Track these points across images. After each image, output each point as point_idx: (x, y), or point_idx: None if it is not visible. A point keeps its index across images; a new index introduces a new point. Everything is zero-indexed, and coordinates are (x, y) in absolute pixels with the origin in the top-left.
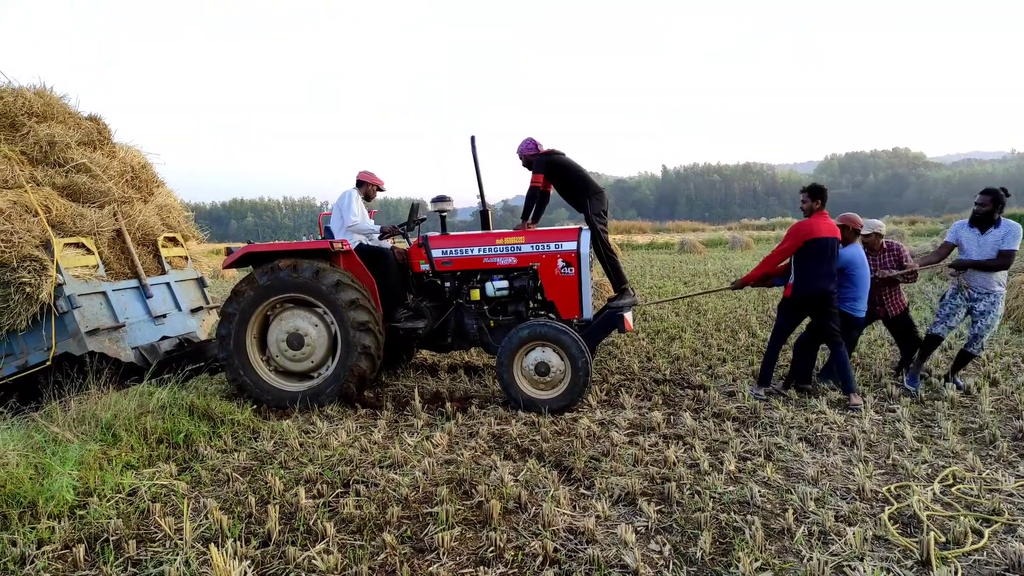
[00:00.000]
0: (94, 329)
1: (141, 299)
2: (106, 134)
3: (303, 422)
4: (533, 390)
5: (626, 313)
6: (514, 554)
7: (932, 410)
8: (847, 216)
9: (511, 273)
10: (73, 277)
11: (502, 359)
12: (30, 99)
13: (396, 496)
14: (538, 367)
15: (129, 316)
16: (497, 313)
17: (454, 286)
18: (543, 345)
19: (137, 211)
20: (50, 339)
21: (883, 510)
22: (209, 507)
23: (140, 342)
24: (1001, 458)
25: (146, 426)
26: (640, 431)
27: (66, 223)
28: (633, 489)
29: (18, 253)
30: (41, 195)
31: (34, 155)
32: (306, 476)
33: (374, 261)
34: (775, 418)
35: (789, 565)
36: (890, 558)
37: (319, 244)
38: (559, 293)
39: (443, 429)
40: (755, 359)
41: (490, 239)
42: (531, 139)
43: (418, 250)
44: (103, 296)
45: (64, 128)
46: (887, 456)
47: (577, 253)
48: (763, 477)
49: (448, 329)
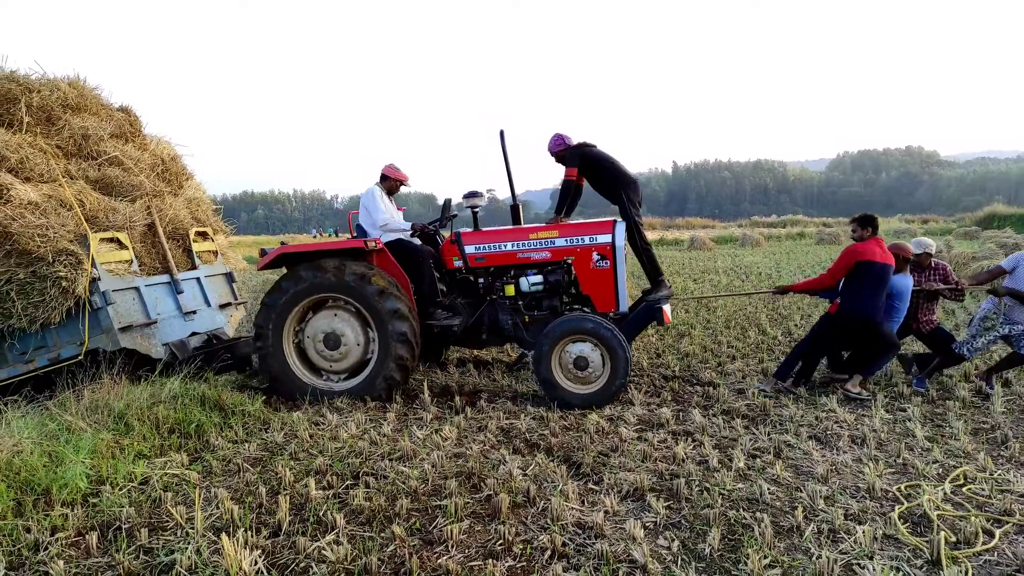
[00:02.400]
0: (127, 326)
1: (172, 294)
2: (137, 126)
3: (313, 414)
4: (572, 385)
5: (664, 305)
6: (522, 547)
7: (943, 410)
8: (898, 244)
9: (545, 268)
10: (108, 272)
11: (540, 353)
12: (65, 91)
13: (405, 488)
14: (577, 361)
15: (160, 312)
16: (532, 308)
17: (488, 282)
18: (583, 340)
19: (168, 205)
20: (83, 334)
21: (893, 509)
22: (220, 497)
23: (170, 338)
24: (1013, 459)
25: (158, 416)
26: (649, 427)
27: (99, 217)
28: (642, 485)
29: (53, 247)
30: (75, 189)
31: (68, 148)
32: (316, 467)
33: (407, 258)
34: (785, 416)
35: (798, 563)
36: (900, 557)
37: (354, 243)
38: (595, 287)
39: (452, 423)
40: (765, 356)
41: (523, 234)
42: (559, 135)
43: (451, 247)
44: (136, 291)
45: (97, 120)
46: (897, 455)
47: (612, 246)
48: (772, 475)
49: (483, 326)
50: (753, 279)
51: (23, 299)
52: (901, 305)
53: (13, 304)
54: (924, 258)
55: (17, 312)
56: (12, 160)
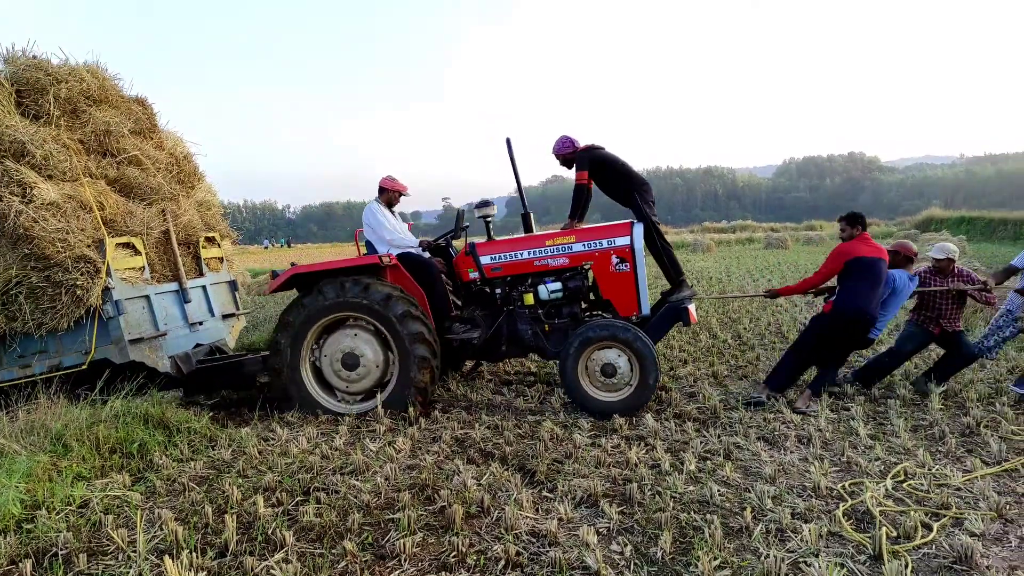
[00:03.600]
0: (138, 338)
1: (179, 304)
2: (153, 120)
3: (263, 429)
4: (602, 393)
5: (689, 305)
6: (476, 558)
7: (885, 408)
8: (902, 243)
9: (564, 274)
10: (121, 280)
11: (565, 365)
12: (89, 82)
13: (357, 503)
14: (604, 369)
15: (168, 323)
16: (552, 317)
17: (505, 292)
18: (608, 347)
19: (183, 209)
20: (90, 342)
21: (838, 507)
22: (164, 518)
23: (176, 350)
24: (950, 454)
25: (98, 436)
26: (603, 433)
27: (117, 221)
28: (595, 491)
29: (72, 253)
30: (95, 189)
31: (90, 144)
32: (265, 484)
33: (417, 272)
34: (734, 418)
35: (747, 563)
36: (844, 553)
37: (368, 259)
38: (615, 291)
39: (406, 434)
40: (715, 360)
41: (539, 241)
42: (567, 137)
43: (465, 258)
44: (146, 300)
45: (117, 114)
46: (842, 454)
47: (631, 248)
48: (722, 476)
49: (502, 337)
50: (704, 284)
51: (32, 304)
52: (897, 302)
53: (20, 308)
54: (947, 264)
55: (24, 317)
56: (37, 156)
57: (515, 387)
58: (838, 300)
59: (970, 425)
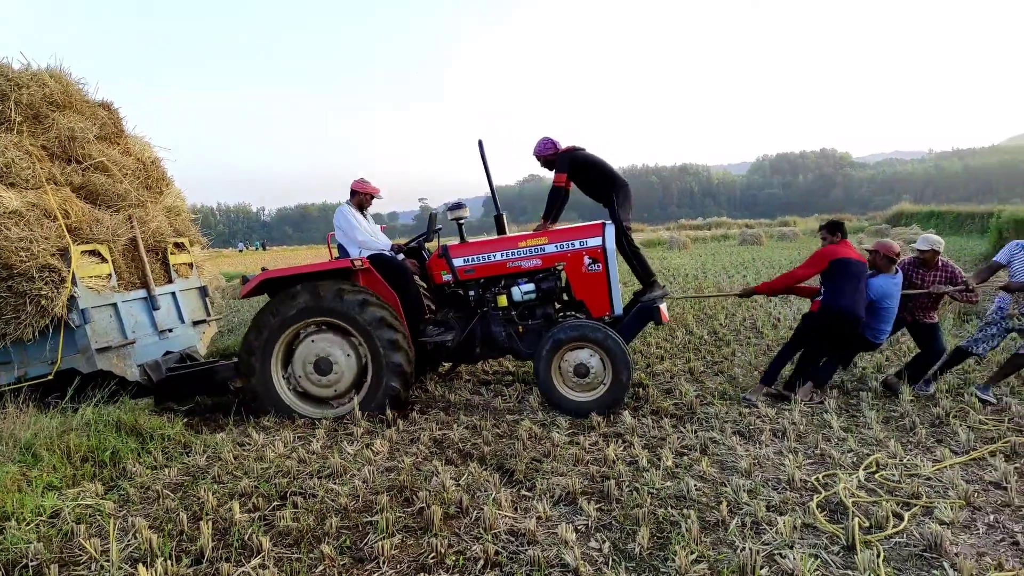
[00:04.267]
0: (105, 347)
1: (148, 311)
2: (119, 125)
3: (238, 434)
4: (576, 393)
5: (661, 304)
6: (455, 559)
7: (857, 401)
8: (881, 243)
9: (537, 275)
10: (87, 288)
11: (538, 367)
12: (51, 87)
13: (335, 506)
14: (577, 369)
15: (136, 331)
16: (526, 318)
17: (478, 294)
18: (580, 347)
19: (151, 216)
20: (56, 352)
21: (812, 499)
22: (138, 526)
23: (145, 358)
24: (920, 444)
25: (69, 444)
26: (581, 430)
27: (83, 228)
28: (574, 488)
29: (36, 263)
30: (60, 197)
31: (54, 150)
32: (241, 490)
33: (390, 274)
34: (710, 413)
35: (723, 556)
36: (818, 544)
37: (339, 263)
38: (588, 291)
39: (383, 436)
40: (692, 356)
41: (512, 243)
42: (548, 139)
43: (438, 261)
44: (113, 308)
45: (82, 119)
46: (815, 446)
47: (603, 248)
48: (699, 471)
49: (475, 339)
50: (680, 281)
51: None
52: (891, 304)
53: None
54: (931, 255)
55: None
56: None
57: (493, 387)
58: (825, 299)
59: (940, 416)
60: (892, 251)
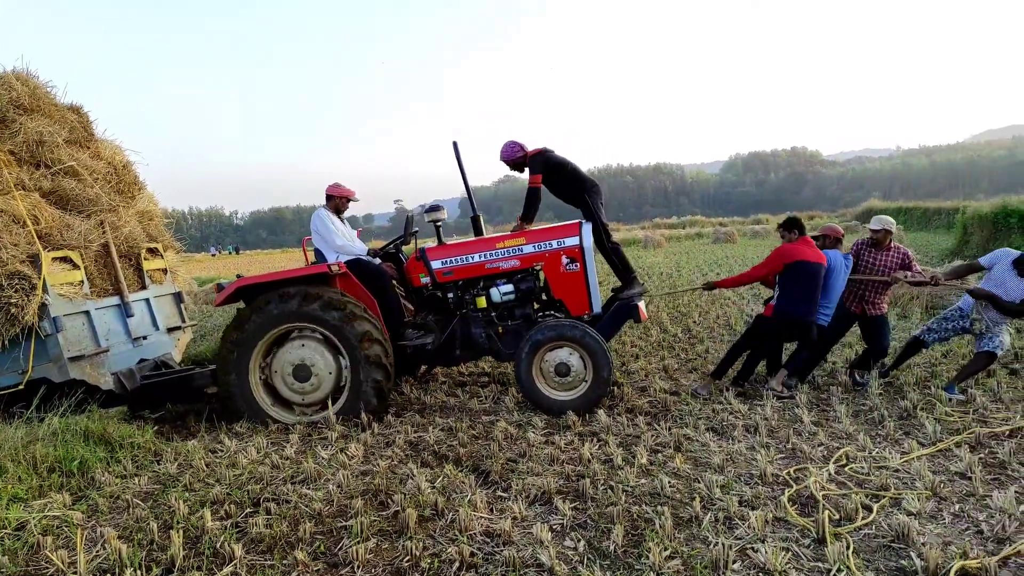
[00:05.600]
0: (78, 355)
1: (121, 318)
2: (90, 129)
3: (210, 441)
4: (557, 393)
5: (639, 302)
6: (430, 561)
7: (828, 395)
8: (828, 227)
9: (515, 276)
10: (59, 296)
11: (519, 368)
12: (19, 90)
13: (309, 512)
14: (558, 368)
15: (110, 339)
16: (505, 319)
17: (457, 296)
18: (559, 346)
19: (123, 221)
20: (27, 362)
21: (783, 493)
22: (106, 536)
23: (119, 367)
24: (888, 437)
25: (35, 455)
26: (556, 430)
27: (53, 235)
28: (549, 488)
29: (5, 270)
30: (29, 202)
31: (22, 155)
32: (213, 497)
33: (367, 279)
34: (685, 411)
35: (696, 552)
36: (789, 538)
37: (316, 268)
38: (566, 291)
39: (358, 440)
40: (666, 354)
41: (490, 244)
42: (514, 142)
43: (416, 264)
44: (86, 316)
45: (51, 123)
46: (787, 441)
47: (581, 247)
48: (673, 468)
49: (455, 341)
50: (655, 280)
51: None
52: (836, 282)
53: None
54: (883, 236)
55: None
56: None
57: (469, 388)
58: (779, 303)
59: (907, 408)
60: (838, 233)
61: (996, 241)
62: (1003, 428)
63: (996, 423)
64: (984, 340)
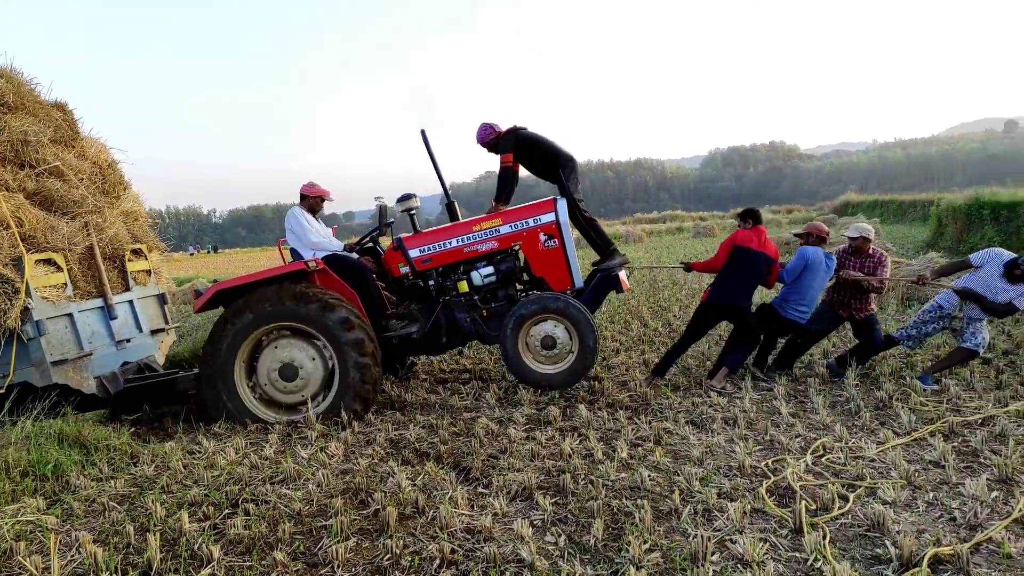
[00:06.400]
0: (61, 359)
1: (105, 320)
2: (75, 127)
3: (188, 442)
4: (545, 367)
5: (620, 272)
6: (411, 559)
7: (805, 387)
8: (813, 225)
9: (495, 257)
10: (42, 299)
11: (505, 347)
12: (2, 87)
13: (288, 512)
14: (544, 341)
15: (93, 341)
16: (488, 301)
17: (438, 283)
18: (543, 319)
19: (108, 222)
20: (8, 366)
21: (761, 484)
22: (81, 540)
23: (102, 370)
24: (864, 427)
25: (8, 459)
26: (537, 426)
27: (37, 237)
28: (530, 484)
29: None
30: (12, 204)
31: (6, 154)
32: (191, 499)
33: (347, 274)
34: (665, 404)
35: (676, 544)
36: (767, 529)
37: (293, 267)
38: (547, 267)
39: (339, 439)
40: (647, 348)
41: (466, 228)
42: (487, 124)
43: (394, 254)
44: (69, 319)
45: (35, 121)
46: (765, 433)
47: (557, 223)
48: (653, 461)
49: (441, 328)
50: (636, 274)
51: None
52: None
53: None
54: (862, 243)
55: None
56: None
57: (450, 385)
58: (713, 286)
59: (883, 399)
60: (823, 231)
61: (970, 232)
62: (976, 417)
63: (969, 412)
64: (966, 335)
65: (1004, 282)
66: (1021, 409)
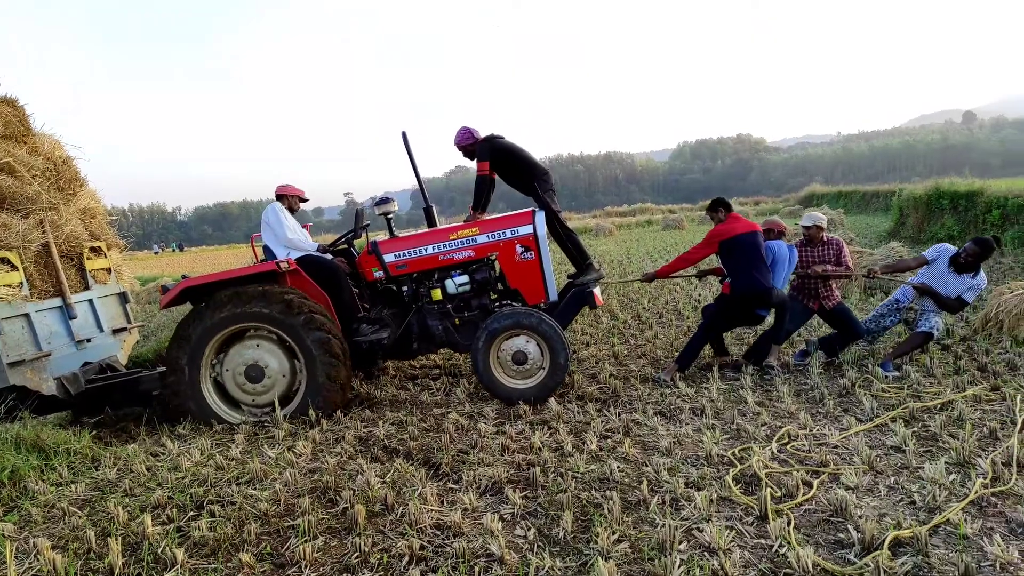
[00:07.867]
0: (18, 360)
1: (64, 321)
2: (26, 123)
3: (151, 444)
4: (515, 381)
5: (594, 288)
6: (380, 557)
7: (771, 376)
8: (771, 221)
9: (470, 267)
10: None
11: (476, 360)
12: None
13: (254, 512)
14: (515, 356)
15: (52, 342)
16: (461, 310)
17: (412, 289)
18: (515, 334)
19: (64, 219)
20: None
21: (728, 473)
22: (40, 547)
23: (62, 371)
24: (828, 414)
25: None
26: (508, 420)
27: None
28: (500, 478)
29: None
30: None
31: None
32: (154, 502)
33: (320, 275)
34: (634, 396)
35: (644, 534)
36: (733, 516)
37: (264, 266)
38: (522, 280)
39: (307, 437)
40: (616, 340)
41: (443, 235)
42: (466, 128)
43: (368, 258)
44: (25, 319)
45: None
46: (732, 422)
47: (535, 236)
48: (622, 453)
49: (412, 335)
50: (607, 267)
51: None
52: (778, 271)
53: None
54: (815, 232)
55: None
56: None
57: (420, 381)
58: (733, 281)
59: (846, 386)
60: (782, 227)
61: (930, 222)
62: (935, 402)
63: (928, 397)
64: (921, 320)
65: (953, 274)
66: (978, 393)
